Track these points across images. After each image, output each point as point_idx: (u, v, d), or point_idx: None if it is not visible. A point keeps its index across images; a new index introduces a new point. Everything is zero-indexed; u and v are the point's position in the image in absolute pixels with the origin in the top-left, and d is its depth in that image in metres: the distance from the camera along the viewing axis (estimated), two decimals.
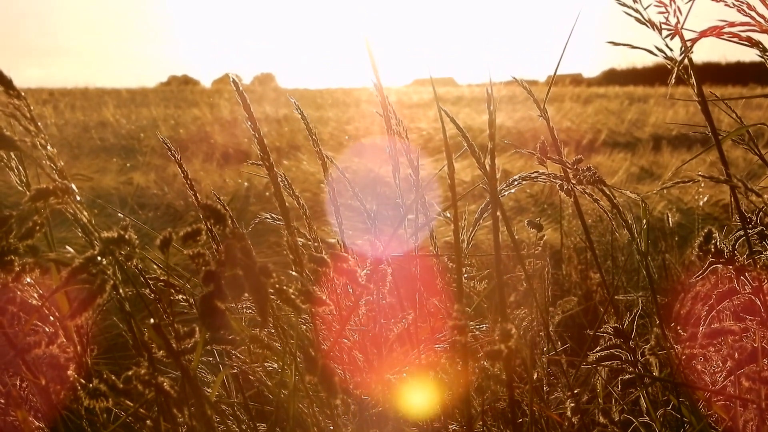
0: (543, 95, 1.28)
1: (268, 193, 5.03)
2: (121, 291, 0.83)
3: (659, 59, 1.17)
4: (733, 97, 1.35)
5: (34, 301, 0.97)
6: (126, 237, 0.81)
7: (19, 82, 1.00)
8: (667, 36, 1.16)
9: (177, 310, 1.31)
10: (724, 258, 1.07)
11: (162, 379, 0.84)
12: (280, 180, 1.19)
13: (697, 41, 1.14)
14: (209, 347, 0.96)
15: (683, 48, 1.15)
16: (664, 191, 4.81)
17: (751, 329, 1.07)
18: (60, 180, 0.99)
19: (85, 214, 0.91)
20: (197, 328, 0.86)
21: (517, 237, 2.76)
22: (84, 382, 0.88)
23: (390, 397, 1.19)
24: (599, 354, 1.18)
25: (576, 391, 1.22)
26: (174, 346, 0.84)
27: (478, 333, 1.32)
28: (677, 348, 1.13)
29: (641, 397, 1.19)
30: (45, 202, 0.86)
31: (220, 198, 1.49)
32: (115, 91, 26.14)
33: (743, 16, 1.14)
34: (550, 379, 1.50)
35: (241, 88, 1.11)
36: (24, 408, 0.96)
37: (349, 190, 1.39)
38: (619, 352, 1.17)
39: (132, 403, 0.88)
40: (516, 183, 1.24)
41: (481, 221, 1.29)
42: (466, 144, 1.11)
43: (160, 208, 5.27)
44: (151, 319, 0.81)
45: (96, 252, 0.79)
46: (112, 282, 0.80)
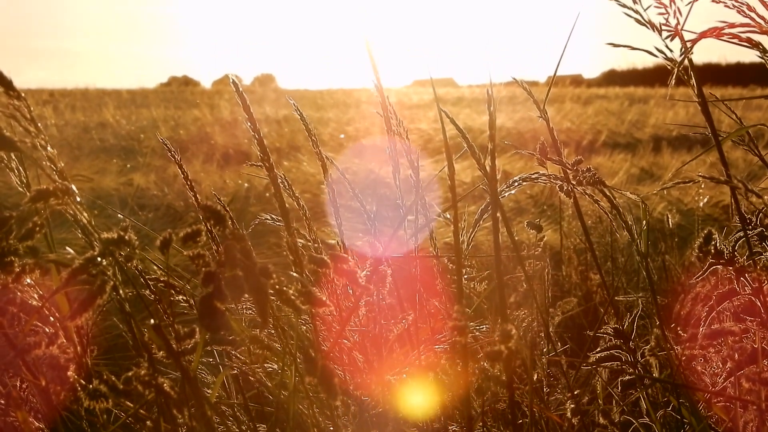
0: (543, 96, 1.28)
1: (268, 194, 5.02)
2: (121, 292, 0.83)
3: (659, 60, 1.17)
4: (733, 98, 1.35)
5: (35, 302, 0.97)
6: (126, 238, 0.81)
7: (19, 82, 1.00)
8: (667, 37, 1.16)
9: (177, 311, 1.31)
10: (724, 259, 1.07)
11: (162, 379, 0.84)
12: (280, 181, 1.19)
13: (697, 42, 1.15)
14: (209, 348, 0.96)
15: (683, 49, 1.15)
16: (664, 192, 4.81)
17: (751, 330, 1.07)
18: (60, 181, 0.99)
19: (85, 215, 0.91)
20: (197, 329, 0.86)
21: (517, 238, 2.76)
22: (84, 382, 0.88)
23: (390, 398, 1.19)
24: (599, 355, 1.18)
25: (576, 392, 1.22)
26: (174, 346, 0.84)
27: (478, 334, 1.32)
28: (677, 349, 1.13)
29: (641, 398, 1.19)
30: (45, 203, 0.86)
31: (221, 199, 1.49)
32: (115, 92, 26.14)
33: (743, 17, 1.14)
34: (550, 380, 1.50)
35: (241, 89, 1.11)
36: (24, 409, 0.96)
37: (349, 191, 1.39)
38: (619, 353, 1.17)
39: (132, 404, 0.88)
40: (516, 184, 1.24)
41: (481, 222, 1.29)
42: (466, 145, 1.11)
43: (160, 209, 5.27)
44: (151, 320, 0.81)
45: (96, 253, 0.79)
46: (112, 283, 0.80)
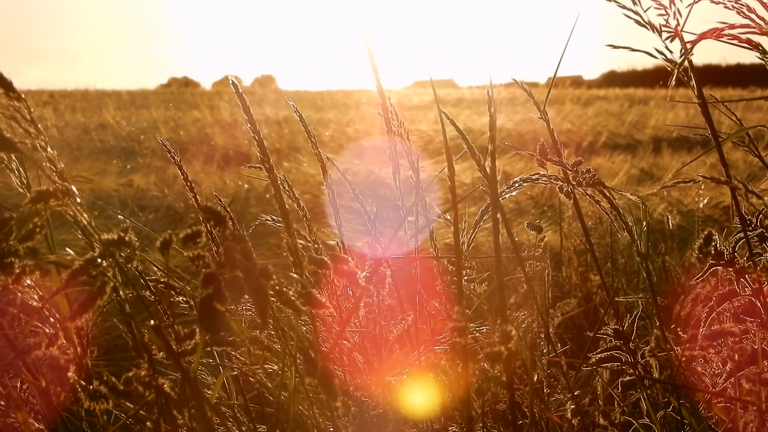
0: (543, 97, 1.28)
1: (268, 195, 5.03)
2: (121, 293, 0.83)
3: (659, 61, 1.17)
4: (733, 99, 1.35)
5: (35, 303, 0.97)
6: (126, 239, 0.81)
7: (19, 83, 1.00)
8: (667, 38, 1.16)
9: (177, 312, 1.31)
10: (724, 260, 1.07)
11: (162, 380, 0.84)
12: (280, 182, 1.19)
13: (697, 43, 1.15)
14: (209, 349, 0.96)
15: (683, 50, 1.15)
16: (665, 193, 4.81)
17: (751, 331, 1.07)
18: (60, 182, 0.99)
19: (85, 216, 0.91)
20: (197, 330, 0.86)
21: (517, 239, 2.76)
22: (84, 383, 0.88)
23: (390, 399, 1.19)
24: (599, 356, 1.18)
25: (576, 392, 1.22)
26: (174, 347, 0.84)
27: (478, 335, 1.32)
28: (677, 350, 1.13)
29: (642, 398, 1.19)
30: (45, 204, 0.86)
31: (221, 200, 1.49)
32: (115, 93, 26.14)
33: (743, 18, 1.14)
34: (551, 380, 1.50)
35: (240, 90, 1.11)
36: (24, 410, 0.96)
37: (350, 192, 1.39)
38: (620, 354, 1.17)
39: (132, 405, 0.88)
40: (516, 185, 1.24)
41: (482, 223, 1.29)
42: (466, 146, 1.11)
43: (161, 210, 5.27)
44: (151, 321, 0.81)
45: (96, 254, 0.79)
46: (112, 284, 0.80)
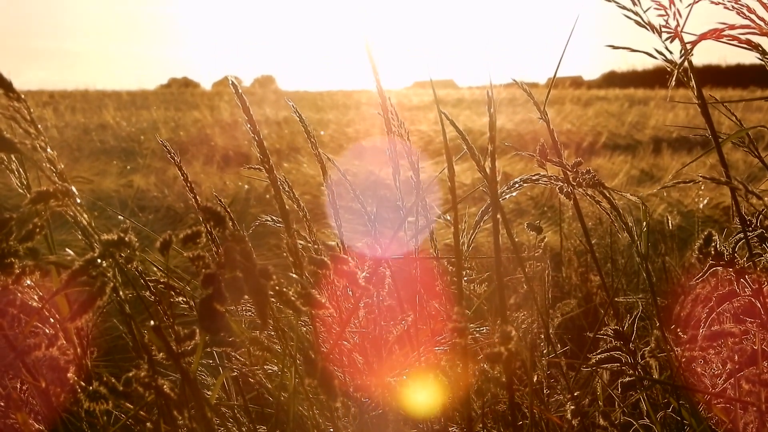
0: (543, 98, 1.28)
1: (268, 196, 5.04)
2: (121, 293, 0.83)
3: (659, 62, 1.17)
4: (733, 100, 1.35)
5: (35, 304, 0.97)
6: (126, 239, 0.81)
7: (19, 84, 1.00)
8: (666, 39, 1.16)
9: (177, 313, 1.31)
10: (724, 260, 1.07)
11: (162, 381, 0.84)
12: (280, 183, 1.19)
13: (696, 44, 1.15)
14: (209, 349, 0.96)
15: (683, 51, 1.15)
16: (665, 194, 4.81)
17: (751, 332, 1.07)
18: (60, 182, 0.99)
19: (85, 216, 0.91)
20: (197, 331, 0.86)
21: (517, 239, 2.76)
22: (84, 384, 0.88)
23: (390, 400, 1.19)
24: (599, 356, 1.18)
25: (576, 393, 1.22)
26: (174, 348, 0.84)
27: (478, 335, 1.32)
28: (677, 350, 1.13)
29: (641, 399, 1.19)
30: (45, 204, 0.86)
31: (221, 200, 1.49)
32: (115, 94, 26.13)
33: (743, 19, 1.14)
34: (551, 381, 1.50)
35: (240, 91, 1.11)
36: (24, 410, 0.96)
37: (349, 192, 1.39)
38: (620, 355, 1.17)
39: (132, 406, 0.88)
40: (516, 185, 1.24)
41: (482, 224, 1.29)
42: (466, 147, 1.11)
43: (161, 210, 5.27)
44: (151, 322, 0.81)
45: (96, 254, 0.79)
46: (112, 284, 0.80)
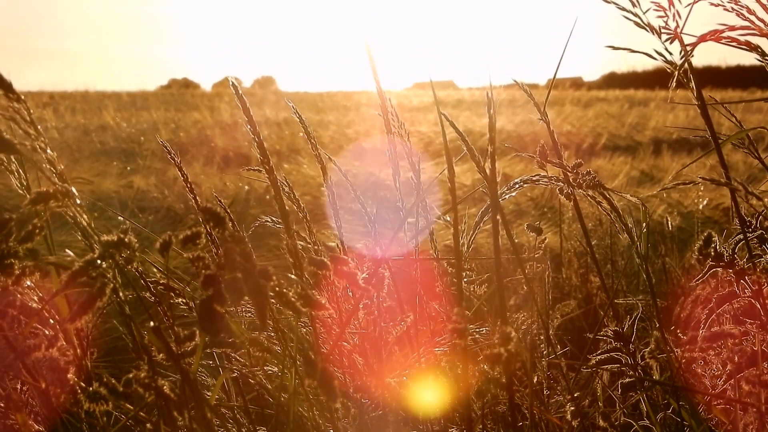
0: (543, 99, 1.28)
1: (268, 197, 5.04)
2: (121, 294, 0.83)
3: (659, 63, 1.17)
4: (733, 101, 1.35)
5: (34, 304, 0.97)
6: (126, 240, 0.81)
7: (19, 85, 1.00)
8: (666, 40, 1.16)
9: (177, 314, 1.31)
10: (723, 261, 1.07)
11: (162, 382, 0.84)
12: (280, 184, 1.19)
13: (696, 46, 1.15)
14: (209, 350, 0.96)
15: (683, 52, 1.15)
16: (664, 195, 4.81)
17: (751, 332, 1.07)
18: (60, 183, 0.99)
19: (85, 217, 0.91)
20: (197, 332, 0.86)
21: (517, 240, 2.76)
22: (84, 385, 0.88)
23: (390, 401, 1.19)
24: (599, 357, 1.18)
25: (576, 394, 1.22)
26: (174, 349, 0.84)
27: (478, 336, 1.32)
28: (677, 351, 1.13)
29: (641, 400, 1.19)
30: (45, 205, 0.86)
31: (221, 201, 1.49)
32: (115, 95, 26.12)
33: (742, 20, 1.14)
34: (551, 382, 1.50)
35: (240, 92, 1.11)
36: (24, 411, 0.96)
37: (349, 193, 1.39)
38: (619, 356, 1.17)
39: (132, 407, 0.88)
40: (516, 186, 1.24)
41: (482, 225, 1.29)
42: (466, 148, 1.11)
43: (161, 211, 5.27)
44: (151, 323, 0.81)
45: (96, 255, 0.79)
46: (111, 285, 0.80)
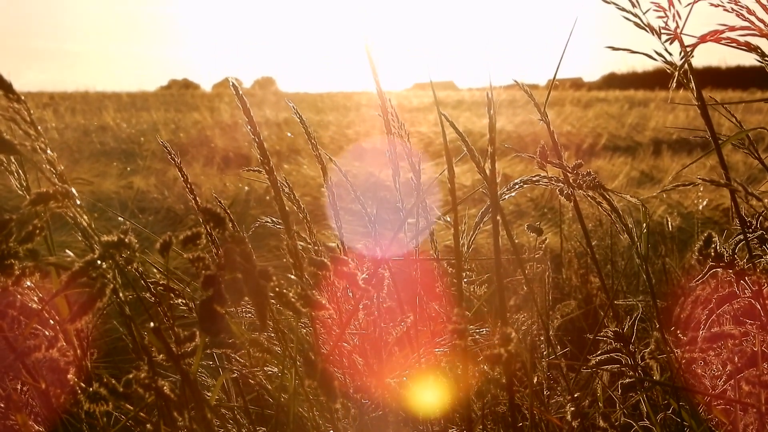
0: (543, 99, 1.28)
1: (268, 197, 5.04)
2: (121, 295, 0.83)
3: (659, 63, 1.17)
4: (733, 101, 1.35)
5: (34, 305, 0.97)
6: (126, 241, 0.81)
7: (19, 85, 1.00)
8: (666, 40, 1.16)
9: (177, 314, 1.31)
10: (724, 262, 1.07)
11: (162, 382, 0.84)
12: (280, 184, 1.19)
13: (696, 46, 1.15)
14: (209, 351, 0.96)
15: (683, 53, 1.15)
16: (664, 195, 4.81)
17: (751, 333, 1.07)
18: (60, 184, 0.99)
19: (85, 217, 0.91)
20: (197, 332, 0.86)
21: (517, 241, 2.76)
22: (84, 385, 0.88)
23: (390, 401, 1.19)
24: (599, 358, 1.18)
25: (576, 394, 1.22)
26: (174, 349, 0.84)
27: (478, 337, 1.32)
28: (677, 352, 1.13)
29: (641, 400, 1.19)
30: (45, 206, 0.86)
31: (221, 202, 1.49)
32: (115, 95, 26.10)
33: (742, 21, 1.14)
34: (551, 383, 1.50)
35: (240, 92, 1.11)
36: (24, 412, 0.96)
37: (349, 194, 1.39)
38: (620, 356, 1.17)
39: (132, 407, 0.88)
40: (516, 187, 1.24)
41: (482, 225, 1.29)
42: (466, 148, 1.11)
43: (161, 212, 5.27)
44: (151, 323, 0.81)
45: (96, 256, 0.79)
46: (112, 286, 0.80)
